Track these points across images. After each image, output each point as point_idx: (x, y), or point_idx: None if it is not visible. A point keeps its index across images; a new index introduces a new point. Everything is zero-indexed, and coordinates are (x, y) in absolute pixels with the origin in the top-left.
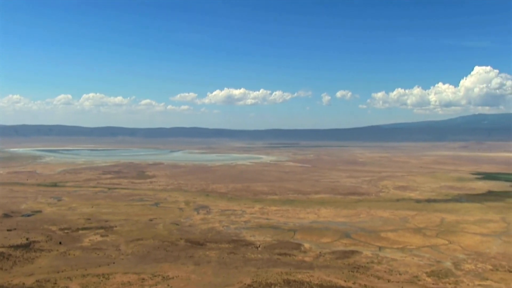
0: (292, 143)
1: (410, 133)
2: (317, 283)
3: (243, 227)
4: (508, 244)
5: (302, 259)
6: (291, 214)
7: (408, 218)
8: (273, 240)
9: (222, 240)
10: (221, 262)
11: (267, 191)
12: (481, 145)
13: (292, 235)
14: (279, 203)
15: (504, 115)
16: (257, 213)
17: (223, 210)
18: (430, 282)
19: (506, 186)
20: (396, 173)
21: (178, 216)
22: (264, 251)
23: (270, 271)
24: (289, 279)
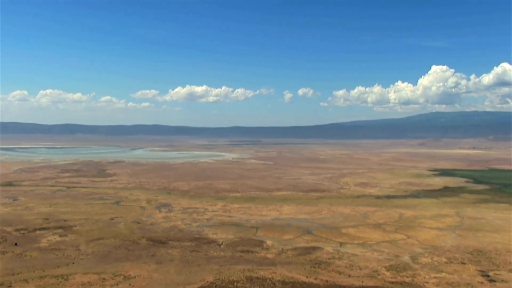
0: (254, 140)
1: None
2: (279, 280)
3: (205, 224)
4: (462, 237)
5: (265, 256)
6: (254, 211)
7: (368, 214)
8: (236, 238)
9: (185, 238)
10: (184, 260)
11: (229, 188)
12: (438, 142)
13: (254, 232)
14: (242, 201)
15: (459, 113)
16: (220, 210)
17: (185, 208)
18: (389, 276)
19: (461, 182)
20: (357, 170)
21: (139, 215)
22: (227, 248)
23: (233, 268)
24: (251, 276)
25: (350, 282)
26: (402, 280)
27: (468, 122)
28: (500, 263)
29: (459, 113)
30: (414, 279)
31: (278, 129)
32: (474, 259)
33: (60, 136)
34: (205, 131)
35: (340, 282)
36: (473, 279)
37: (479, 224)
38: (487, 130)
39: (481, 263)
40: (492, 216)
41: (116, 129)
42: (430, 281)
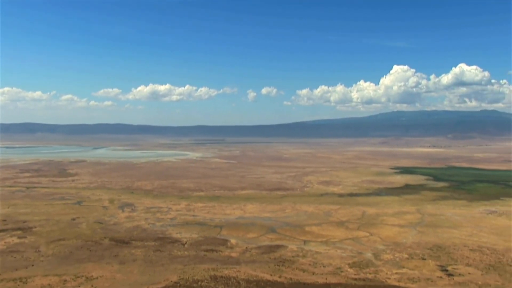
0: (218, 139)
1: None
2: (244, 278)
3: (169, 224)
4: (422, 233)
5: (229, 254)
6: (218, 210)
7: (332, 212)
8: (200, 237)
9: (148, 238)
10: (147, 260)
11: (193, 187)
12: (399, 140)
13: (218, 231)
14: (205, 200)
15: (420, 112)
16: (183, 210)
17: (148, 208)
18: (352, 273)
19: (422, 179)
20: (320, 168)
21: (102, 215)
22: (191, 248)
23: (197, 267)
24: (216, 275)
25: (314, 279)
26: (365, 276)
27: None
28: (458, 257)
29: (420, 112)
30: (376, 275)
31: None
32: (434, 254)
33: (19, 135)
34: (169, 130)
35: (304, 279)
36: (433, 274)
37: (439, 220)
38: (446, 128)
39: (440, 258)
40: (451, 213)
41: (77, 128)
42: (392, 277)
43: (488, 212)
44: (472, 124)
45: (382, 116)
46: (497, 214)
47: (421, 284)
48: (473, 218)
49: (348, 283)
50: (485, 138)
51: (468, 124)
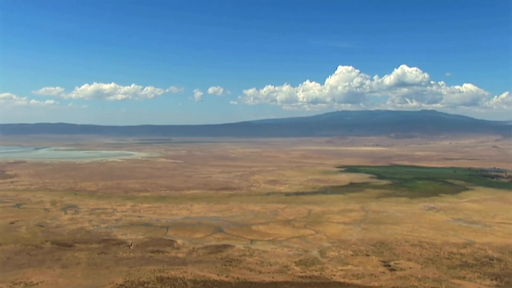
0: (164, 139)
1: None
2: (191, 279)
3: (114, 225)
4: (366, 230)
5: (175, 255)
6: (164, 211)
7: (278, 211)
8: (146, 238)
9: (92, 240)
10: (91, 263)
11: (139, 188)
12: (344, 139)
13: (165, 231)
14: (152, 200)
15: (364, 112)
16: (129, 210)
17: (92, 209)
18: (299, 270)
19: (366, 177)
20: (267, 167)
21: (43, 217)
22: (137, 249)
23: (143, 269)
24: (162, 276)
25: (261, 278)
26: (311, 274)
27: (372, 120)
28: (399, 253)
29: (364, 112)
30: (322, 273)
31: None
32: (377, 250)
33: None
34: (114, 130)
35: (251, 278)
36: (376, 269)
37: (382, 217)
38: (388, 128)
39: (383, 254)
40: (393, 210)
41: (17, 127)
42: (337, 273)
43: (428, 208)
44: (413, 124)
45: (327, 116)
46: (436, 210)
47: (365, 280)
48: (413, 215)
49: (294, 281)
50: (425, 137)
51: (409, 123)
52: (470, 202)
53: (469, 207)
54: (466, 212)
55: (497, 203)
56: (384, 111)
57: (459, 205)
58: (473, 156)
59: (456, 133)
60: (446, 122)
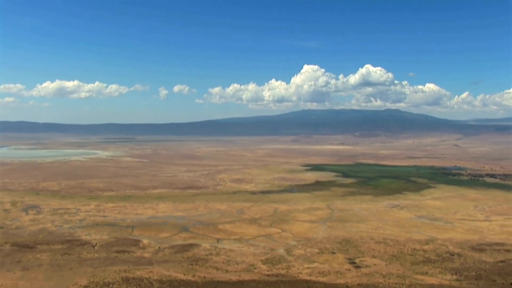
0: (129, 137)
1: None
2: (157, 279)
3: (78, 226)
4: (332, 228)
5: (141, 255)
6: (129, 210)
7: (244, 210)
8: (111, 238)
9: (55, 241)
10: (54, 264)
11: (103, 187)
12: (310, 138)
13: (130, 231)
14: (116, 199)
15: (329, 111)
16: (93, 210)
17: (55, 209)
18: (265, 269)
19: (331, 176)
20: (233, 166)
21: (3, 219)
22: (101, 249)
23: (108, 270)
24: (127, 276)
25: (228, 277)
26: (277, 272)
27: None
28: (364, 250)
29: (329, 111)
30: (288, 271)
31: (154, 126)
32: (343, 248)
33: None
34: (77, 128)
35: (218, 278)
36: (342, 267)
37: (347, 215)
38: (353, 127)
39: (349, 252)
40: (358, 208)
41: None
42: (303, 271)
43: (392, 206)
44: (377, 123)
45: (293, 115)
46: (400, 207)
47: (331, 277)
48: (378, 212)
49: (261, 280)
50: (389, 136)
51: (373, 122)
52: (432, 199)
53: (432, 205)
54: (429, 209)
55: (458, 200)
56: (349, 110)
57: (422, 202)
58: (435, 155)
59: (419, 132)
60: (409, 121)
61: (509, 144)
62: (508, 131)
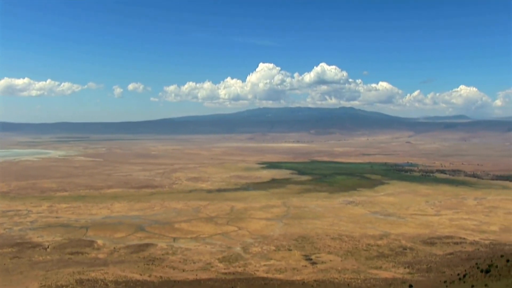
0: (83, 136)
1: (201, 125)
2: (112, 280)
3: (29, 227)
4: (288, 225)
5: (96, 256)
6: (83, 211)
7: (201, 208)
8: (64, 239)
9: (4, 244)
10: (3, 269)
11: (56, 187)
12: (266, 136)
13: (84, 232)
14: (70, 200)
15: (284, 109)
16: (45, 211)
17: (4, 211)
18: (222, 267)
19: (287, 173)
20: (189, 164)
21: None
22: (54, 251)
23: (61, 272)
24: (81, 278)
25: (185, 276)
26: (234, 270)
27: (293, 117)
28: (320, 246)
29: (285, 109)
30: (245, 269)
31: (108, 125)
32: (299, 245)
33: None
34: (28, 127)
35: (175, 277)
36: (298, 263)
37: (303, 212)
38: (309, 124)
39: (305, 248)
40: (314, 204)
41: None
42: (260, 269)
43: (347, 203)
44: (332, 120)
45: (249, 113)
46: (354, 204)
47: (288, 274)
48: (333, 209)
49: (218, 278)
50: (343, 133)
51: (328, 120)
52: (386, 195)
53: (385, 200)
54: (382, 205)
55: (410, 196)
56: (304, 108)
57: (376, 198)
58: (389, 152)
59: (373, 129)
60: (363, 119)
61: (458, 141)
62: (456, 128)
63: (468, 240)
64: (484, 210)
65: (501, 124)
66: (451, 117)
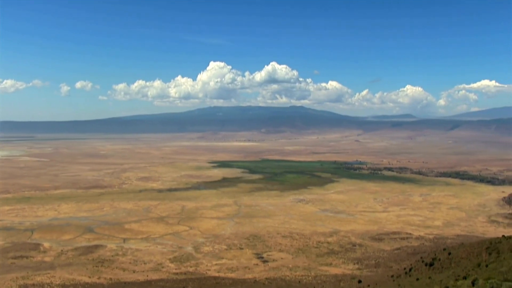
0: (28, 136)
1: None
2: (59, 283)
3: None
4: (240, 224)
5: (42, 259)
6: (28, 213)
7: (151, 208)
8: (7, 243)
9: None
10: None
11: None
12: (217, 135)
13: (29, 235)
14: (13, 202)
15: (235, 108)
16: None
17: None
18: (173, 267)
19: (238, 172)
20: (139, 164)
21: None
22: None
23: (3, 278)
24: (26, 283)
25: (135, 277)
26: (186, 270)
27: (244, 116)
28: (272, 245)
29: (236, 108)
30: (197, 268)
31: (55, 124)
32: (251, 243)
33: None
34: None
35: (125, 278)
36: (250, 262)
37: (254, 211)
38: (260, 123)
39: (256, 247)
40: (265, 203)
41: None
42: (212, 268)
43: (297, 201)
44: (282, 119)
45: (200, 112)
46: (305, 202)
47: (239, 273)
48: (284, 207)
49: (169, 278)
50: (294, 132)
51: (279, 119)
52: (335, 193)
53: (335, 198)
54: (332, 203)
55: (359, 193)
56: (255, 107)
57: (326, 196)
58: (338, 150)
59: (323, 128)
60: (313, 118)
61: (404, 139)
62: (403, 127)
63: (414, 235)
64: (428, 206)
65: (444, 123)
66: (398, 116)
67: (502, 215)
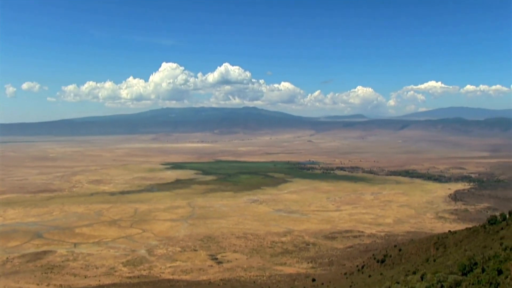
0: None
1: (103, 126)
2: None
3: None
4: (194, 226)
5: None
6: None
7: (103, 211)
8: None
9: None
10: None
11: None
12: (169, 136)
13: None
14: None
15: (188, 109)
16: None
17: None
18: (126, 271)
19: (192, 174)
20: (90, 167)
21: None
22: None
23: None
24: None
25: (87, 282)
26: (139, 273)
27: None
28: (226, 245)
29: (188, 109)
30: (151, 271)
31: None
32: (205, 245)
33: None
34: None
35: (76, 284)
36: (204, 263)
37: (208, 212)
38: (213, 124)
39: (211, 248)
40: (219, 204)
41: None
42: (166, 271)
43: (251, 201)
44: (236, 120)
45: (152, 113)
46: (259, 202)
47: (194, 275)
48: (238, 208)
49: (122, 282)
50: (247, 133)
51: (232, 120)
52: (289, 193)
53: (289, 198)
54: (286, 203)
55: (312, 193)
56: (208, 108)
57: (279, 196)
58: (291, 150)
59: (276, 128)
60: (266, 118)
61: (356, 139)
62: (354, 127)
63: (366, 233)
64: (380, 204)
65: (394, 123)
66: (350, 116)
67: (448, 211)
